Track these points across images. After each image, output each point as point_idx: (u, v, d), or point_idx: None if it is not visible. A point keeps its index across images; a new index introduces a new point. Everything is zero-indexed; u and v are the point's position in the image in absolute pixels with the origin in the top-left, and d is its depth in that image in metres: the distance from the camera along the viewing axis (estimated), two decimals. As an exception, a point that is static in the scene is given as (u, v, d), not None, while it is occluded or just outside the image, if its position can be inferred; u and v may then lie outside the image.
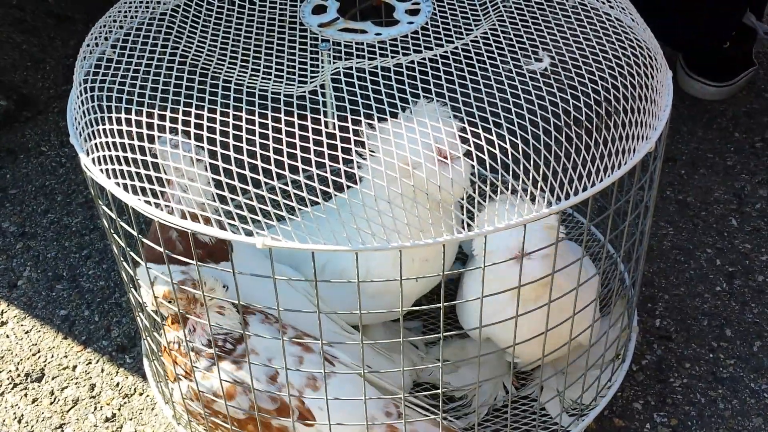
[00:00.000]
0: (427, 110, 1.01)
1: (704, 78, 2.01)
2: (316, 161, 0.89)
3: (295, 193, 0.89)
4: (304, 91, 0.99)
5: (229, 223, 0.91)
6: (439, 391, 1.08)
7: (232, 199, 0.91)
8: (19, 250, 1.69)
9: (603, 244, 1.10)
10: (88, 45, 1.14)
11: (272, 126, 0.91)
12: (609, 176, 0.96)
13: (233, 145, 0.90)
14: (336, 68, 1.03)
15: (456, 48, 1.07)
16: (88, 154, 1.02)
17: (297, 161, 0.88)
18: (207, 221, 0.93)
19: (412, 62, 1.03)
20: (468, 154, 0.96)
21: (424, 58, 1.05)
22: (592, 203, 0.98)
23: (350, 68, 1.03)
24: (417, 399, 1.17)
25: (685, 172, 1.83)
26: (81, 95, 1.05)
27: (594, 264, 1.33)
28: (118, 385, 1.44)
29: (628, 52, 1.05)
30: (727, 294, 1.55)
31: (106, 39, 1.15)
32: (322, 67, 1.05)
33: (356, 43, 1.10)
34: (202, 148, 0.96)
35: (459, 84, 0.97)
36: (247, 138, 0.91)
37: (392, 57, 1.05)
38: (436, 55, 1.05)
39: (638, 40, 1.10)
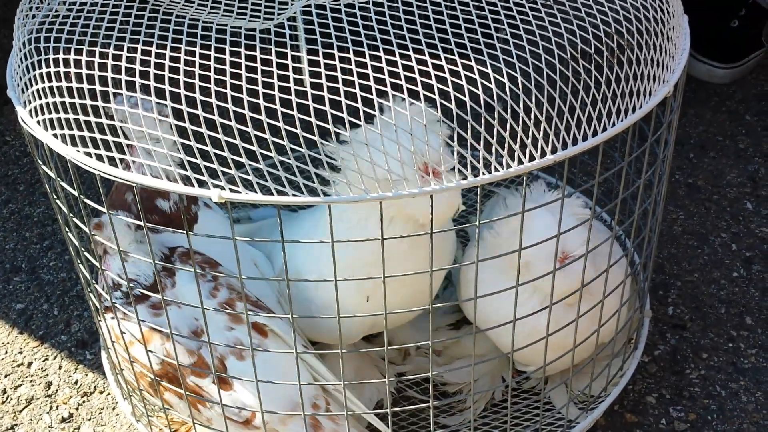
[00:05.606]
0: (411, 113, 0.81)
1: (711, 59, 1.89)
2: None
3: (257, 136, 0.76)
4: (268, 27, 0.85)
5: (183, 175, 0.78)
6: (429, 378, 0.95)
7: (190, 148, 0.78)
8: (-25, 242, 1.56)
9: (611, 208, 0.97)
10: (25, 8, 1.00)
11: (230, 61, 0.78)
12: (622, 120, 0.83)
13: (184, 81, 0.77)
14: (307, 3, 0.90)
15: None
16: (25, 106, 0.89)
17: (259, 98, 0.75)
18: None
19: None
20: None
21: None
22: (602, 154, 0.85)
23: (323, 4, 0.90)
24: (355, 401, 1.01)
25: (694, 155, 1.71)
26: (23, 49, 0.92)
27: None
28: (76, 382, 1.30)
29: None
30: (746, 280, 1.42)
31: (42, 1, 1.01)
32: (292, 3, 0.92)
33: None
34: (165, 105, 0.82)
35: (448, 15, 0.84)
36: (200, 74, 0.78)
37: None
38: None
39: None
